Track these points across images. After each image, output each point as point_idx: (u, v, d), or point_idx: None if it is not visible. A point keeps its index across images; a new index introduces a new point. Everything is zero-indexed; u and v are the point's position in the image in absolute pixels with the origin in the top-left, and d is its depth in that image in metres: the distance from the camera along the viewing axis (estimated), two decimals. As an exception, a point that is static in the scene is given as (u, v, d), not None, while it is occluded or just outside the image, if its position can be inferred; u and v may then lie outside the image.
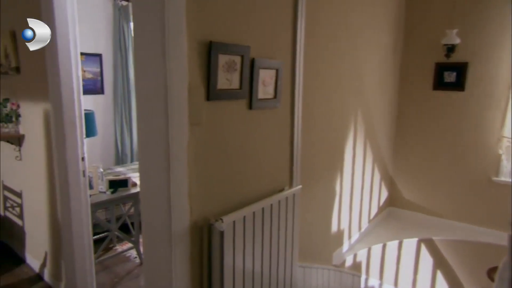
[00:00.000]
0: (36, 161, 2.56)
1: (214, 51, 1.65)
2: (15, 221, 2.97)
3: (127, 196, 2.75)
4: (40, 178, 2.55)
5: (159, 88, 1.53)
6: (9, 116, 2.64)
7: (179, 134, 1.58)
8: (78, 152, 2.31)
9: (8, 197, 3.03)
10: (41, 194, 2.56)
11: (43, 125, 2.41)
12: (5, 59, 2.62)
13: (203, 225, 1.72)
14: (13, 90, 2.67)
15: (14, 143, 2.74)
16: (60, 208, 2.35)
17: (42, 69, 2.29)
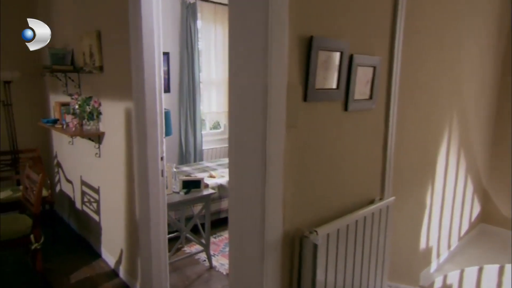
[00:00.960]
0: (115, 158, 2.67)
1: (314, 46, 1.55)
2: (92, 216, 3.14)
3: (200, 198, 2.76)
4: (118, 175, 2.64)
5: (258, 87, 1.46)
6: (91, 114, 2.79)
7: (276, 137, 1.50)
8: (158, 151, 2.36)
9: (86, 192, 3.21)
10: (119, 191, 2.66)
11: (124, 123, 2.49)
12: (89, 58, 2.77)
13: (295, 236, 1.63)
14: (96, 89, 2.81)
15: (94, 140, 2.88)
16: (138, 207, 2.42)
17: (125, 68, 2.36)
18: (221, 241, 3.34)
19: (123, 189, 2.61)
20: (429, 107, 2.39)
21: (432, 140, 2.49)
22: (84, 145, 3.06)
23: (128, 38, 2.26)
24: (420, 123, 2.32)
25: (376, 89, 1.91)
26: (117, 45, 2.47)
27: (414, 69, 2.16)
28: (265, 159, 1.48)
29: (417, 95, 2.24)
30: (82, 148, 3.13)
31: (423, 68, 2.25)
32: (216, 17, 4.74)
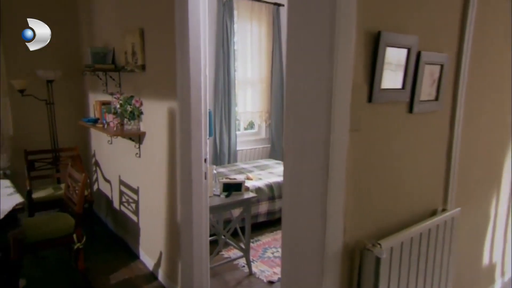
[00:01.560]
0: (156, 159, 2.66)
1: (382, 43, 1.45)
2: (130, 216, 3.16)
3: (240, 201, 2.71)
4: (158, 176, 2.64)
5: (322, 87, 1.38)
6: (132, 113, 2.80)
7: (339, 141, 1.41)
8: (202, 153, 2.32)
9: (124, 192, 3.24)
10: (159, 192, 2.65)
11: (166, 123, 2.47)
12: (131, 57, 2.78)
13: (355, 248, 1.54)
14: (137, 88, 2.82)
15: (135, 140, 2.89)
16: (180, 210, 2.39)
17: (169, 67, 2.35)
18: (259, 246, 3.27)
19: (163, 190, 2.60)
20: (496, 110, 2.21)
21: (498, 146, 2.30)
22: (124, 144, 3.09)
23: (173, 36, 2.24)
24: (486, 127, 2.15)
25: (443, 90, 1.78)
26: (160, 43, 2.46)
27: (481, 68, 2.00)
28: (328, 165, 1.39)
29: (484, 97, 2.08)
30: (122, 148, 3.16)
31: (489, 66, 2.08)
32: (253, 14, 4.68)
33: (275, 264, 2.97)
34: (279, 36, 4.85)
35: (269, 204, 3.51)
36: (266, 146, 5.02)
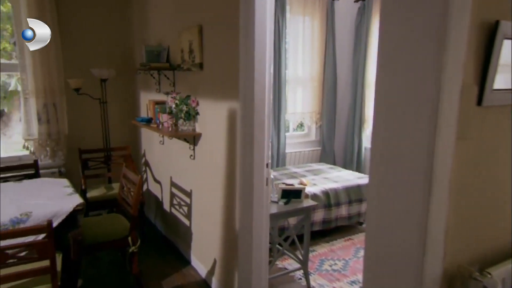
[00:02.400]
0: (212, 162, 2.60)
1: (499, 35, 1.25)
2: (182, 220, 3.13)
3: (300, 209, 2.58)
4: (214, 180, 2.57)
5: (426, 88, 1.21)
6: (188, 114, 2.75)
7: (445, 151, 1.23)
8: (265, 157, 2.22)
9: (176, 195, 3.22)
10: (215, 197, 2.58)
11: (225, 125, 2.40)
12: (188, 55, 2.74)
13: (456, 275, 1.35)
14: (194, 87, 2.77)
15: (189, 141, 2.85)
16: (239, 217, 2.30)
17: (230, 65, 2.27)
18: (315, 257, 3.12)
19: (219, 195, 2.52)
20: None
21: None
22: (177, 145, 3.06)
23: (236, 32, 2.15)
24: None
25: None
26: (220, 40, 2.39)
27: None
28: (431, 177, 1.22)
29: None
30: (175, 149, 3.14)
31: None
32: (306, 9, 4.53)
33: (334, 279, 2.81)
34: (333, 31, 4.65)
35: (325, 212, 3.35)
36: (316, 149, 4.84)
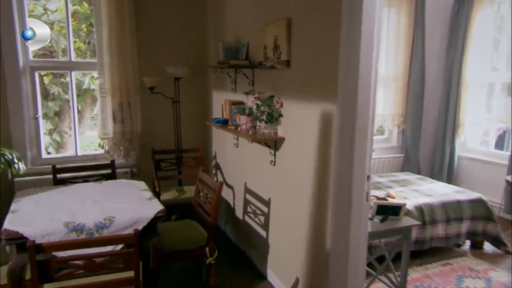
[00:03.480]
0: (297, 169, 2.41)
1: None
2: (257, 230, 2.99)
3: (399, 229, 2.29)
4: (300, 190, 2.38)
5: None
6: (270, 116, 2.59)
7: None
8: (366, 168, 1.97)
9: (250, 202, 3.09)
10: (299, 209, 2.39)
11: (317, 130, 2.19)
12: (273, 52, 2.57)
13: None
14: (277, 87, 2.60)
15: (270, 146, 2.69)
16: (332, 235, 2.08)
17: (326, 62, 2.06)
18: (409, 283, 2.79)
19: (305, 207, 2.32)
20: None
21: None
22: (255, 149, 2.92)
23: (336, 26, 1.94)
24: None
25: None
26: (313, 34, 2.19)
27: None
28: None
29: None
30: (251, 153, 3.01)
31: None
32: (392, 0, 4.17)
33: (434, 310, 2.48)
34: (423, 24, 4.24)
35: (418, 231, 3.00)
36: (398, 156, 4.45)
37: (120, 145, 3.63)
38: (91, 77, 5.65)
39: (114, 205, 2.28)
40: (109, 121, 3.57)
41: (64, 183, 2.89)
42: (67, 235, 1.98)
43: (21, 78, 3.35)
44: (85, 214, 2.15)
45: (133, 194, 2.51)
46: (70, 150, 5.81)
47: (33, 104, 3.49)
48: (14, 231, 1.89)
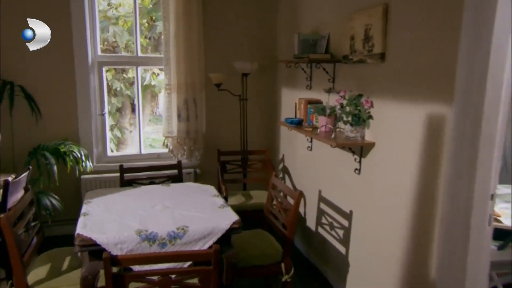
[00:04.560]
0: (390, 181, 2.13)
1: None
2: (334, 244, 2.74)
3: (521, 259, 1.93)
4: (392, 205, 2.10)
5: None
6: (357, 117, 2.33)
7: None
8: (490, 186, 1.65)
9: (325, 212, 2.85)
10: (392, 228, 2.11)
11: (421, 136, 1.89)
12: (363, 43, 2.30)
13: None
14: (365, 84, 2.34)
15: (355, 152, 2.43)
16: (439, 265, 1.78)
17: (437, 55, 1.76)
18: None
19: (401, 226, 2.04)
20: None
21: None
22: (334, 154, 2.67)
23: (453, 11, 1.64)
24: None
25: None
26: (419, 22, 1.89)
27: None
28: None
29: None
30: (329, 158, 2.76)
31: None
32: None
33: None
34: None
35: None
36: (492, 164, 3.94)
37: (184, 144, 3.57)
38: (152, 73, 5.73)
39: (186, 213, 2.16)
40: (174, 119, 3.52)
41: (131, 183, 2.85)
42: (139, 244, 1.89)
43: (89, 74, 3.40)
44: (156, 221, 2.05)
45: (204, 200, 2.38)
46: (130, 146, 5.98)
47: (100, 100, 3.53)
48: (88, 237, 1.83)
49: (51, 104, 3.32)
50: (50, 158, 2.96)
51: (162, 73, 5.64)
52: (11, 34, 3.11)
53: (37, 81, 3.26)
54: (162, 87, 5.78)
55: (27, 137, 3.23)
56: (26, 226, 2.10)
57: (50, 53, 3.24)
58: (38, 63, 3.24)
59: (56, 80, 3.32)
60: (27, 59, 3.20)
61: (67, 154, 3.07)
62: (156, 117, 6.66)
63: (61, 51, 3.28)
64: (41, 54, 3.21)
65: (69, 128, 3.38)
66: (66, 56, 3.30)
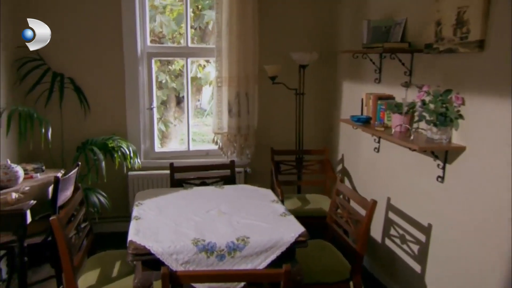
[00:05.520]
0: (484, 194, 1.85)
1: None
2: (407, 261, 2.48)
3: None
4: (492, 223, 1.81)
5: None
6: (443, 116, 2.04)
7: None
8: None
9: (395, 223, 2.59)
10: (486, 250, 1.83)
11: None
12: (453, 29, 2.01)
13: None
14: (453, 77, 2.05)
15: (438, 156, 2.15)
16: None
17: None
18: None
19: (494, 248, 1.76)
20: None
21: None
22: (410, 158, 2.39)
23: None
24: None
25: None
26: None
27: None
28: None
29: None
30: (403, 162, 2.49)
31: None
32: None
33: None
34: None
35: None
36: None
37: (235, 141, 3.42)
38: (198, 65, 5.65)
39: (245, 221, 2.00)
40: (225, 114, 3.37)
41: (181, 183, 2.74)
42: (196, 255, 1.75)
43: (138, 66, 3.32)
44: (213, 229, 1.91)
45: (263, 206, 2.21)
46: (173, 141, 5.96)
47: (149, 93, 3.46)
48: (142, 245, 1.72)
49: (99, 97, 3.29)
50: (98, 154, 2.92)
51: (209, 65, 5.60)
52: (61, 26, 3.10)
53: (86, 74, 3.24)
54: (208, 79, 5.74)
55: (76, 131, 3.22)
56: (77, 227, 2.04)
57: (99, 44, 3.21)
58: (87, 55, 3.22)
59: (104, 72, 3.28)
60: (77, 51, 3.19)
61: (116, 149, 3.02)
62: (198, 110, 6.62)
63: (111, 42, 3.24)
64: (91, 45, 3.20)
65: (116, 123, 3.34)
66: (116, 47, 3.25)
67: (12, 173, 2.36)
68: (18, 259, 2.18)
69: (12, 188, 2.34)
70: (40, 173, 2.66)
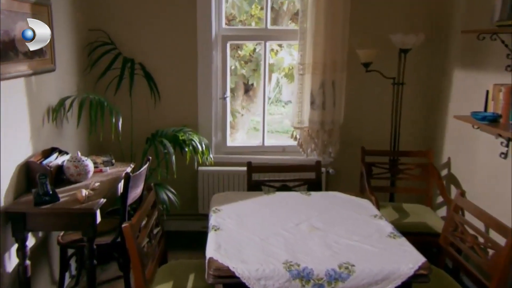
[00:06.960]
0: None
1: None
2: None
3: None
4: None
5: None
6: None
7: None
8: None
9: None
10: None
11: None
12: None
13: None
14: None
15: None
16: None
17: None
18: None
19: None
20: None
21: None
22: None
23: None
24: None
25: None
26: None
27: None
28: None
29: None
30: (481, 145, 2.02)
31: None
32: None
33: None
34: None
35: None
36: None
37: (317, 137, 3.11)
38: (270, 50, 5.39)
39: (345, 241, 1.71)
40: (306, 106, 3.07)
41: (259, 185, 2.51)
42: (288, 282, 1.50)
43: (212, 50, 3.13)
44: (307, 250, 1.65)
45: (364, 222, 1.90)
46: (240, 131, 5.79)
47: (222, 81, 3.26)
48: (225, 266, 1.51)
49: (170, 85, 3.16)
50: (169, 147, 2.77)
51: (282, 50, 5.31)
52: (132, 7, 3.00)
53: (156, 59, 3.11)
54: (280, 66, 5.47)
55: (145, 121, 3.12)
56: (149, 234, 1.88)
57: (171, 26, 3.07)
58: (158, 38, 3.09)
59: (176, 57, 3.13)
60: (147, 34, 3.07)
61: (187, 143, 2.86)
62: (268, 99, 6.39)
63: (184, 24, 3.07)
64: (162, 27, 3.06)
65: (187, 113, 3.19)
66: (189, 30, 3.07)
67: (82, 167, 2.28)
68: (87, 262, 2.09)
69: (82, 182, 2.27)
70: (109, 167, 2.57)
